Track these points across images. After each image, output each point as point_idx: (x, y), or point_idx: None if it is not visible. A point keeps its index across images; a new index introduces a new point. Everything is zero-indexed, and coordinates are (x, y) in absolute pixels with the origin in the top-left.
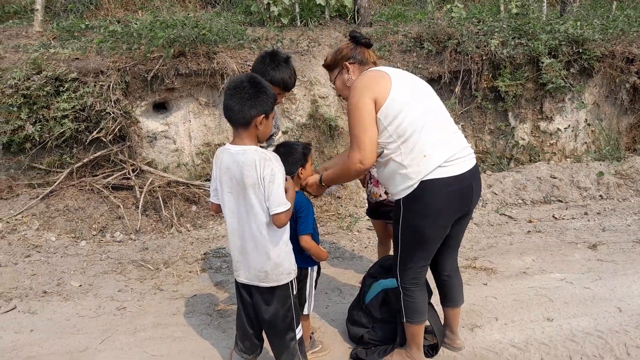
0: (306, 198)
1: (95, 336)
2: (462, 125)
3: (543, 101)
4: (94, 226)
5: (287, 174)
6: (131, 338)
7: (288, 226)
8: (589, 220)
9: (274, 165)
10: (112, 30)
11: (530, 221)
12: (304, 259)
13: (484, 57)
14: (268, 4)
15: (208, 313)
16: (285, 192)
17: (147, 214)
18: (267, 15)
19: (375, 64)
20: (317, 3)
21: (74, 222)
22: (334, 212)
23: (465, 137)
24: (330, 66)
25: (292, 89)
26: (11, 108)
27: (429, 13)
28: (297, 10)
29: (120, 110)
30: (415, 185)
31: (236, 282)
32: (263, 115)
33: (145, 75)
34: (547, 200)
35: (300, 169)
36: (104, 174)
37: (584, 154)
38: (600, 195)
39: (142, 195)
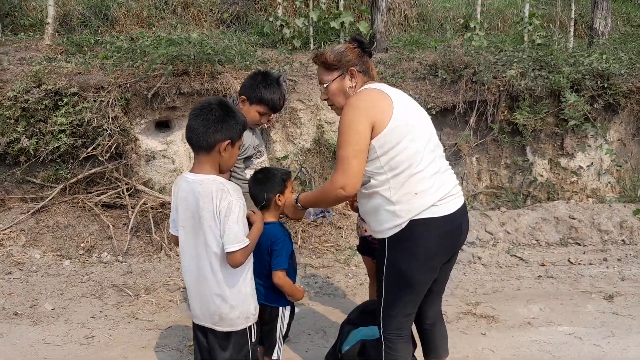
0: (283, 230)
1: None
2: (476, 158)
3: (564, 136)
4: (81, 245)
5: (263, 201)
6: None
7: (250, 265)
8: (607, 267)
9: (232, 198)
10: (118, 47)
11: (543, 264)
12: (277, 297)
13: (501, 88)
14: (281, 25)
15: (179, 348)
16: (250, 226)
17: (139, 235)
18: (280, 37)
19: (374, 78)
20: (332, 27)
21: (61, 240)
22: (333, 243)
23: (480, 171)
24: (330, 66)
25: (280, 111)
26: (8, 120)
27: (446, 41)
28: (311, 33)
29: (117, 128)
30: (404, 225)
31: (193, 323)
32: (228, 142)
33: (146, 93)
34: (564, 243)
35: (278, 195)
36: (98, 192)
37: (607, 195)
38: (623, 240)
39: (133, 216)
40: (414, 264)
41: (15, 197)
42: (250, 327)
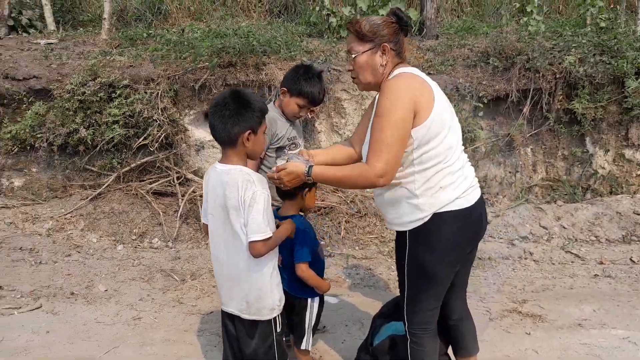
0: (305, 223)
1: (104, 345)
2: (531, 149)
3: (629, 126)
4: (134, 230)
5: (290, 196)
6: (136, 352)
7: (275, 256)
8: None
9: (256, 189)
10: (168, 39)
11: (602, 262)
12: (304, 289)
13: (557, 75)
14: (328, 15)
15: (218, 334)
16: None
17: (188, 222)
18: (327, 27)
19: (405, 60)
20: (380, 14)
21: (116, 225)
22: (377, 235)
23: (535, 162)
24: (363, 36)
25: (319, 105)
26: (67, 112)
27: (499, 27)
28: None
29: (166, 119)
30: (427, 218)
31: (222, 311)
32: (249, 132)
33: (193, 85)
34: (627, 240)
35: (305, 190)
36: (150, 180)
37: None
38: None
39: (183, 203)
40: (436, 257)
41: (76, 184)
42: (275, 317)
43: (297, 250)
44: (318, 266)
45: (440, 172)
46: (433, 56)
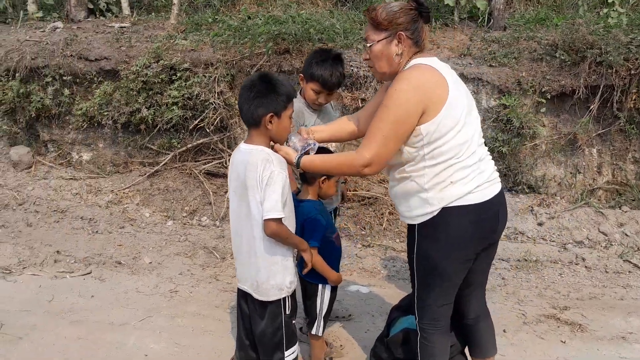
0: (319, 210)
1: (139, 314)
2: (597, 150)
3: None
4: (185, 208)
5: (307, 181)
6: (168, 323)
7: None
8: None
9: (275, 169)
10: (229, 25)
11: None
12: (316, 274)
13: (632, 72)
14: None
15: None
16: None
17: None
18: None
19: (424, 49)
20: (446, 4)
21: (168, 202)
22: None
23: (600, 164)
24: (378, 24)
25: (336, 89)
26: (131, 92)
27: (571, 19)
28: None
29: (222, 102)
30: (436, 213)
31: (237, 288)
32: (271, 114)
33: (249, 70)
34: None
35: (323, 178)
36: (204, 160)
37: None
38: None
39: None
40: (444, 252)
41: (136, 161)
42: (284, 298)
43: (307, 234)
44: (333, 255)
45: (452, 167)
46: (497, 48)
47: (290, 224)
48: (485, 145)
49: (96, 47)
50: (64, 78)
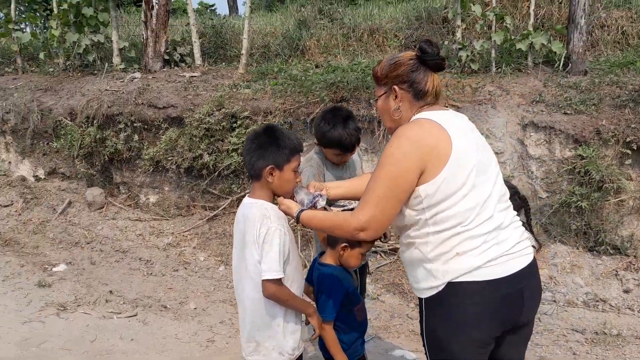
0: (339, 276)
1: None
2: None
3: None
4: None
5: (330, 245)
6: None
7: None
8: None
9: (271, 225)
10: (290, 74)
11: None
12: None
13: None
14: (459, 48)
15: None
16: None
17: None
18: (456, 61)
19: (436, 99)
20: (518, 48)
21: (224, 247)
22: None
23: None
24: (378, 80)
25: (355, 147)
26: (194, 138)
27: None
28: (493, 55)
29: None
30: (441, 288)
31: None
32: (271, 167)
33: (305, 118)
34: None
35: (342, 245)
36: None
37: None
38: None
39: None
40: (451, 333)
41: (198, 205)
42: None
43: (321, 305)
44: (353, 331)
45: (458, 236)
46: (575, 94)
47: (296, 285)
48: (561, 198)
49: (165, 96)
50: (135, 125)
